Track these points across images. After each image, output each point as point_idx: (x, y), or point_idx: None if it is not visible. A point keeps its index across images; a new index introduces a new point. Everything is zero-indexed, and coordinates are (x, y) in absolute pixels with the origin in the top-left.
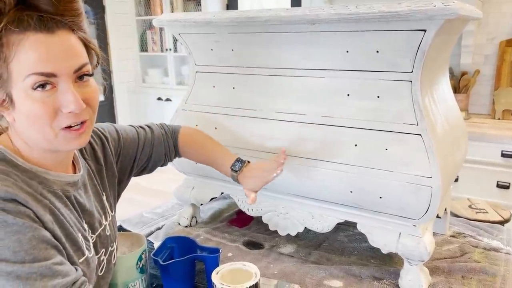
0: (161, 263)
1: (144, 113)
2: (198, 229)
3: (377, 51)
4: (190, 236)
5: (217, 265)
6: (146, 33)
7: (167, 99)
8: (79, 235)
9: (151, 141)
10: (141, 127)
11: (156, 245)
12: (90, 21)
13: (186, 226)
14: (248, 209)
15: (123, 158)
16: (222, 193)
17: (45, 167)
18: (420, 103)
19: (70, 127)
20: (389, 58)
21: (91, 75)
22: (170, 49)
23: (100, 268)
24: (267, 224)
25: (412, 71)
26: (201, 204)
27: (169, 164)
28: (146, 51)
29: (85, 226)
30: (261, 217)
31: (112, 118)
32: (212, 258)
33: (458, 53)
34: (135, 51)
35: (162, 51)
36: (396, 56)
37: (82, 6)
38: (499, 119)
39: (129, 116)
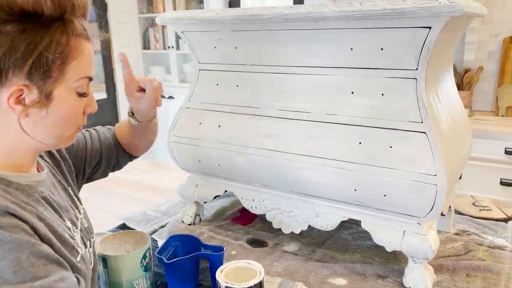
0: (165, 261)
1: None
2: (201, 227)
3: (382, 49)
4: (193, 234)
5: (221, 263)
6: (149, 30)
7: (170, 97)
8: (67, 235)
9: (97, 136)
10: (85, 130)
11: (160, 243)
12: (93, 18)
13: (189, 224)
14: (251, 207)
15: (74, 155)
16: (225, 191)
17: (14, 169)
18: (424, 101)
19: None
20: (393, 56)
21: None
22: (172, 47)
23: (90, 261)
24: (271, 222)
25: (416, 69)
26: (205, 202)
27: (172, 162)
28: (149, 48)
29: (68, 224)
30: (264, 215)
31: (115, 116)
32: (216, 256)
33: (462, 50)
34: (138, 48)
35: (164, 48)
36: (400, 54)
37: None
38: (502, 116)
39: None
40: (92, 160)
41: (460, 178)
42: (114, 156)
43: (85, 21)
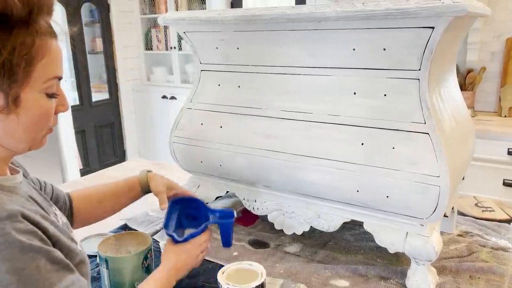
0: (178, 239)
1: (149, 111)
2: None
3: (384, 49)
4: (195, 197)
5: (232, 229)
6: (151, 31)
7: (172, 97)
8: (66, 228)
9: (49, 184)
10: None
11: (162, 244)
12: (95, 19)
13: None
14: (253, 208)
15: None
16: (227, 191)
17: None
18: (427, 101)
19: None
20: (396, 56)
21: None
22: (174, 47)
23: None
24: (273, 223)
25: (419, 69)
26: (207, 203)
27: (174, 163)
28: (151, 49)
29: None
30: (266, 216)
31: (117, 117)
32: (227, 224)
33: (464, 50)
34: (140, 49)
35: (166, 49)
36: (403, 54)
37: None
38: (505, 116)
39: (134, 114)
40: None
41: (463, 178)
42: (59, 206)
43: (50, 18)
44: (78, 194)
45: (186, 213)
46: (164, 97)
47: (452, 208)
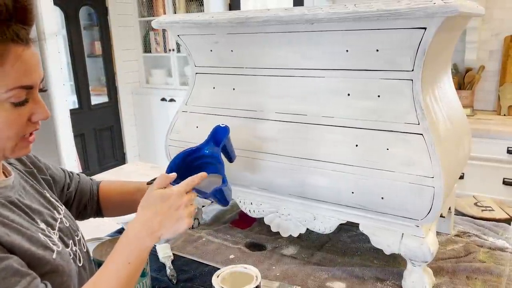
0: (205, 191)
1: (148, 113)
2: (200, 230)
3: (377, 50)
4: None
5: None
6: (149, 34)
7: (171, 100)
8: (40, 235)
9: (78, 178)
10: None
11: (158, 247)
12: (94, 23)
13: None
14: (249, 211)
15: (52, 176)
16: None
17: None
18: (421, 102)
19: (24, 136)
20: (389, 57)
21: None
22: (173, 50)
23: (78, 259)
24: (269, 226)
25: (412, 70)
26: (203, 206)
27: None
28: (150, 52)
29: (42, 226)
30: (263, 218)
31: (116, 120)
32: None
33: (463, 49)
34: (139, 52)
35: (165, 51)
36: (396, 55)
37: None
38: (504, 115)
39: (133, 117)
40: (66, 190)
41: (462, 177)
42: (85, 199)
43: (25, 26)
44: (108, 187)
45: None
46: (163, 99)
47: (449, 209)
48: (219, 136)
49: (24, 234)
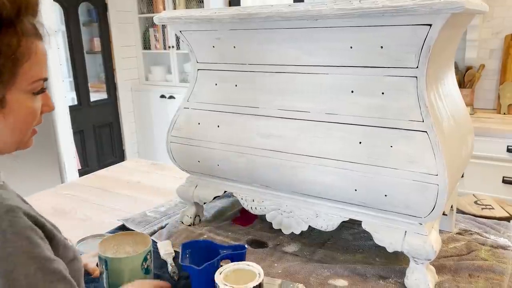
0: (196, 268)
1: (147, 111)
2: (201, 227)
3: (381, 47)
4: (201, 239)
5: (245, 259)
6: (149, 30)
7: (171, 97)
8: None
9: None
10: None
11: (160, 244)
12: (93, 19)
13: (189, 225)
14: (251, 208)
15: None
16: (225, 191)
17: None
18: (425, 99)
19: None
20: (393, 54)
21: None
22: (173, 47)
23: None
24: (271, 223)
25: (417, 67)
26: (205, 203)
27: (172, 163)
28: (149, 48)
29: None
30: (264, 215)
31: (115, 116)
32: (240, 254)
33: (463, 48)
34: (138, 48)
35: (165, 48)
36: (400, 52)
37: None
38: (504, 113)
39: (133, 114)
40: None
41: (462, 176)
42: None
43: (35, 19)
44: None
45: (198, 254)
46: (162, 96)
47: (451, 207)
48: (235, 249)
49: (49, 222)
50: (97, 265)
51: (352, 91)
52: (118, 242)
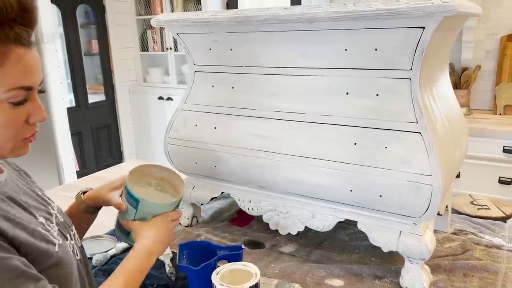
0: (194, 268)
1: (145, 112)
2: (198, 228)
3: (376, 49)
4: (198, 239)
5: (242, 259)
6: (147, 32)
7: (168, 98)
8: (40, 228)
9: None
10: None
11: None
12: (91, 21)
13: (186, 226)
14: (248, 209)
15: None
16: (222, 192)
17: None
18: (419, 101)
19: (24, 138)
20: (387, 56)
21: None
22: (170, 48)
23: (75, 253)
24: (268, 224)
25: (411, 69)
26: (202, 204)
27: (169, 164)
28: (147, 50)
29: (41, 219)
30: (261, 216)
31: (113, 118)
32: (237, 255)
33: (459, 49)
34: (136, 50)
35: (162, 50)
36: (394, 54)
37: None
38: (500, 114)
39: (131, 115)
40: None
41: (458, 176)
42: None
43: (27, 27)
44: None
45: (196, 255)
46: (160, 98)
47: (446, 207)
48: (232, 250)
49: (26, 228)
50: (120, 196)
51: (347, 93)
52: (142, 173)
